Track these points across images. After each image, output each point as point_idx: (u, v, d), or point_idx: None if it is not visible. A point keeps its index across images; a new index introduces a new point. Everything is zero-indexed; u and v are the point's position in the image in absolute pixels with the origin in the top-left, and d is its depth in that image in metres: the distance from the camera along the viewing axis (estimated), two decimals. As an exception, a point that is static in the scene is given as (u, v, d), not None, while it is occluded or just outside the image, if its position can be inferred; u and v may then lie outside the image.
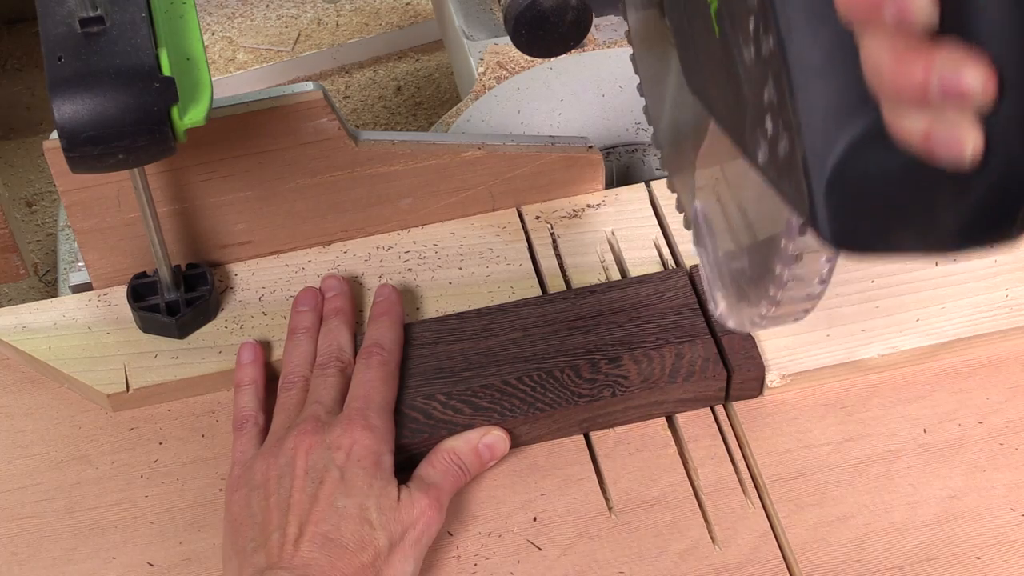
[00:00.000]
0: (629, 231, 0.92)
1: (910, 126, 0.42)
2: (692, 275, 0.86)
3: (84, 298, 0.89)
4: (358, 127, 1.23)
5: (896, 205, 0.45)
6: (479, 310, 0.86)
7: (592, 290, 0.86)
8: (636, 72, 0.78)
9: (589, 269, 0.90)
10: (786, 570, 0.75)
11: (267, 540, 0.71)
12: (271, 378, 0.84)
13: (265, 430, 0.80)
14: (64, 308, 0.88)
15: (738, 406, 0.82)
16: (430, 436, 0.79)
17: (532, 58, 0.94)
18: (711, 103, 0.58)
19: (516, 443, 0.81)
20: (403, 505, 0.74)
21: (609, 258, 0.90)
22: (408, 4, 1.73)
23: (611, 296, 0.85)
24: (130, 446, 0.83)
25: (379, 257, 0.91)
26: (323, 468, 0.74)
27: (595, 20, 0.83)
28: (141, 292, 0.87)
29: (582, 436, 0.82)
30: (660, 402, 0.81)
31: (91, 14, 0.69)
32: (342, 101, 1.64)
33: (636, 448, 0.81)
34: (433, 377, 0.82)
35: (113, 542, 0.78)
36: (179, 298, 0.86)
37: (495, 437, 0.79)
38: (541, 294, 0.88)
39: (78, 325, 0.87)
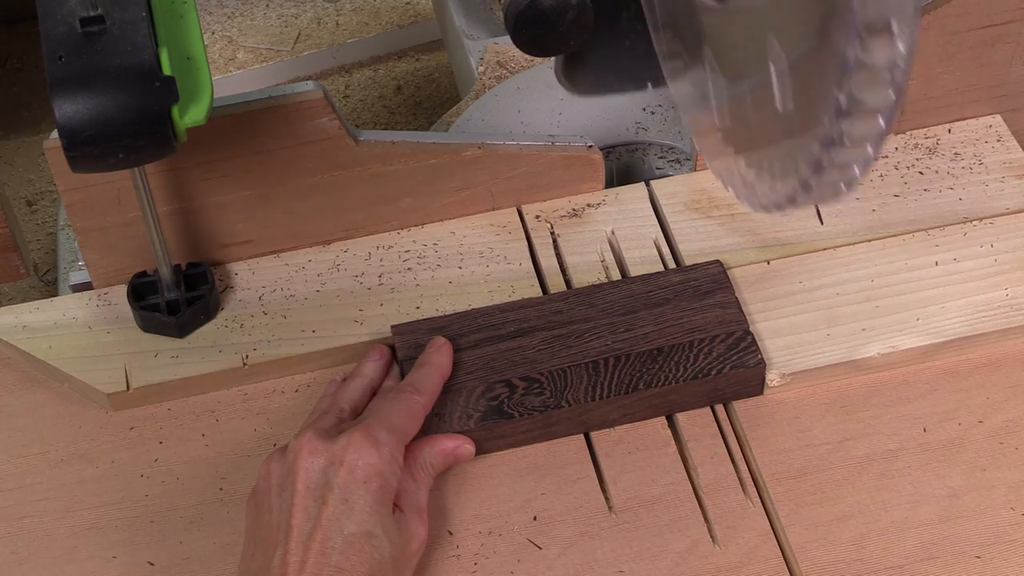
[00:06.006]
0: (629, 231, 0.92)
1: None
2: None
3: (84, 297, 0.89)
4: (358, 127, 1.23)
5: None
6: (480, 310, 0.86)
7: (593, 289, 0.86)
8: None
9: (589, 269, 0.89)
10: (786, 570, 0.75)
11: (269, 565, 0.69)
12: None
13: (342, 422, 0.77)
14: (64, 308, 0.88)
15: (738, 405, 0.82)
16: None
17: (532, 57, 0.94)
18: None
19: (516, 443, 0.81)
20: (402, 530, 0.72)
21: (609, 258, 0.90)
22: (408, 4, 1.73)
23: (612, 296, 0.85)
24: (130, 445, 0.83)
25: (379, 257, 0.91)
26: (324, 485, 0.71)
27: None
28: (141, 291, 0.87)
29: (582, 436, 0.82)
30: (663, 401, 0.81)
31: (91, 13, 0.69)
32: (342, 101, 1.64)
33: (636, 448, 0.81)
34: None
35: (113, 542, 0.78)
36: (179, 297, 0.86)
37: (467, 451, 0.79)
38: (541, 294, 0.88)
39: (78, 324, 0.87)
